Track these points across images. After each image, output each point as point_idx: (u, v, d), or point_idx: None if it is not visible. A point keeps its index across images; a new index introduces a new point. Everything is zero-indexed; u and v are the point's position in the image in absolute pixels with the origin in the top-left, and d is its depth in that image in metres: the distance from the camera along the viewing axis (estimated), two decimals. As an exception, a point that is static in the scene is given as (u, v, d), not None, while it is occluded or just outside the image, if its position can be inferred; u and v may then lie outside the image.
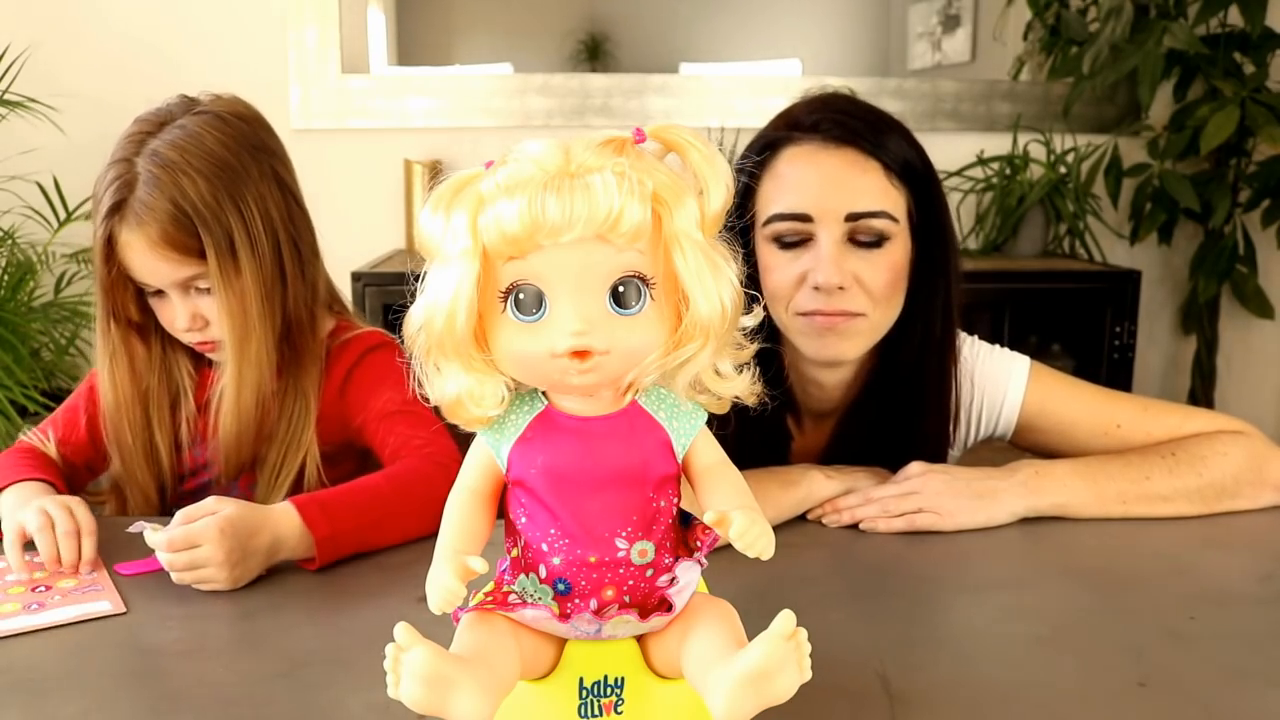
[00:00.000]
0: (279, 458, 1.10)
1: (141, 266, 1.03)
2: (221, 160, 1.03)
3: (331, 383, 1.13)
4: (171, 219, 1.00)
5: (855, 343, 1.03)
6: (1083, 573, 0.92)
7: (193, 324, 1.06)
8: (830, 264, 0.99)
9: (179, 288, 1.05)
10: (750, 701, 0.49)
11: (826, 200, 0.99)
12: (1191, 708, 0.69)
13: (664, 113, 2.51)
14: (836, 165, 1.00)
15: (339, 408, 1.14)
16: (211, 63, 2.39)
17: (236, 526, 0.87)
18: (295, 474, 1.10)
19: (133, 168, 1.02)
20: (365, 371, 1.14)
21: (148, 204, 1.00)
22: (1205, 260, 2.43)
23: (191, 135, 1.03)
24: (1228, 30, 2.34)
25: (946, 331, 1.08)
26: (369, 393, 1.12)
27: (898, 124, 1.04)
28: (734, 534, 0.54)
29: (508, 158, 0.54)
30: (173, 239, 1.01)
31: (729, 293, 0.55)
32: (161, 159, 1.01)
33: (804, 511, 1.04)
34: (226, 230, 1.03)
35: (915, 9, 3.02)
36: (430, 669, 0.49)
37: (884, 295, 1.02)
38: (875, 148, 1.00)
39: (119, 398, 1.10)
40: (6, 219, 2.24)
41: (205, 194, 1.01)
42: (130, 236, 1.01)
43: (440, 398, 0.56)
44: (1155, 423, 1.08)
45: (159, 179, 1.00)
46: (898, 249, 1.02)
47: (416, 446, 1.04)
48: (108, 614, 0.84)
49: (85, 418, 1.15)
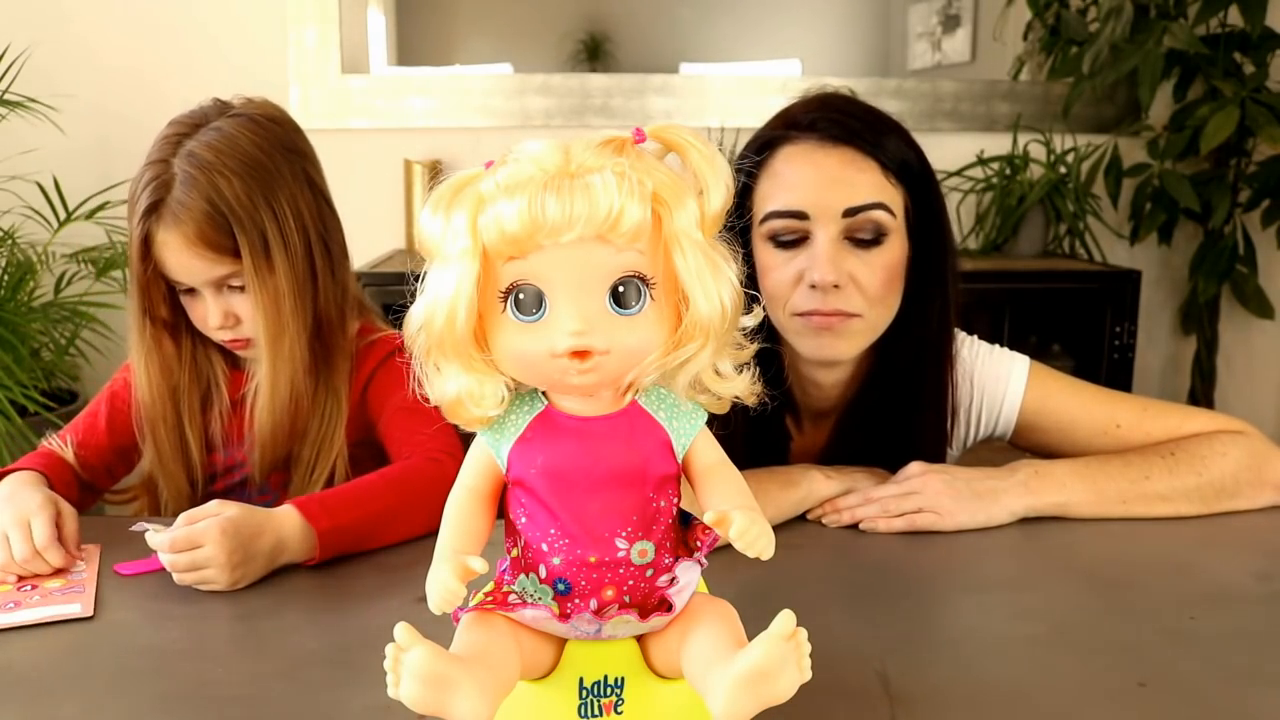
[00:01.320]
0: (313, 455, 1.11)
1: (177, 265, 1.05)
2: (256, 161, 1.05)
3: (357, 382, 1.15)
4: (207, 218, 1.02)
5: (851, 343, 1.03)
6: (1083, 573, 0.92)
7: (225, 321, 1.07)
8: (826, 261, 0.99)
9: (212, 286, 1.06)
10: (750, 701, 0.49)
11: (823, 197, 0.99)
12: (1191, 708, 0.69)
13: (664, 113, 2.51)
14: (833, 164, 1.00)
15: (360, 408, 1.15)
16: (212, 63, 2.39)
17: (238, 527, 0.87)
18: (328, 472, 1.11)
19: (169, 168, 1.03)
20: (388, 373, 1.15)
21: (184, 203, 1.02)
22: (1205, 260, 2.43)
23: (226, 137, 1.05)
24: (1228, 30, 2.34)
25: (943, 332, 1.08)
26: (388, 393, 1.14)
27: (895, 124, 1.04)
28: (734, 534, 0.54)
29: (508, 158, 0.54)
30: (208, 238, 1.03)
31: (729, 293, 0.55)
32: (197, 160, 1.03)
33: (804, 511, 1.04)
34: (260, 229, 1.04)
35: (915, 9, 3.01)
36: (430, 669, 0.49)
37: (879, 295, 1.01)
38: (872, 147, 1.00)
39: (152, 393, 1.11)
40: (6, 219, 2.24)
41: (240, 194, 1.03)
42: (166, 235, 1.03)
43: (440, 398, 0.56)
44: (1155, 423, 1.08)
45: (195, 179, 1.02)
46: (894, 248, 1.01)
47: (419, 443, 1.05)
48: (75, 616, 0.83)
49: (106, 421, 1.15)
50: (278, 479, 1.14)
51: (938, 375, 1.09)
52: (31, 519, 0.93)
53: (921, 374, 1.08)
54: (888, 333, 1.06)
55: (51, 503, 0.96)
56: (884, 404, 1.09)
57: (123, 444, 1.15)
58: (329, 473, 1.11)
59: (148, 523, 0.90)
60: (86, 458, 1.13)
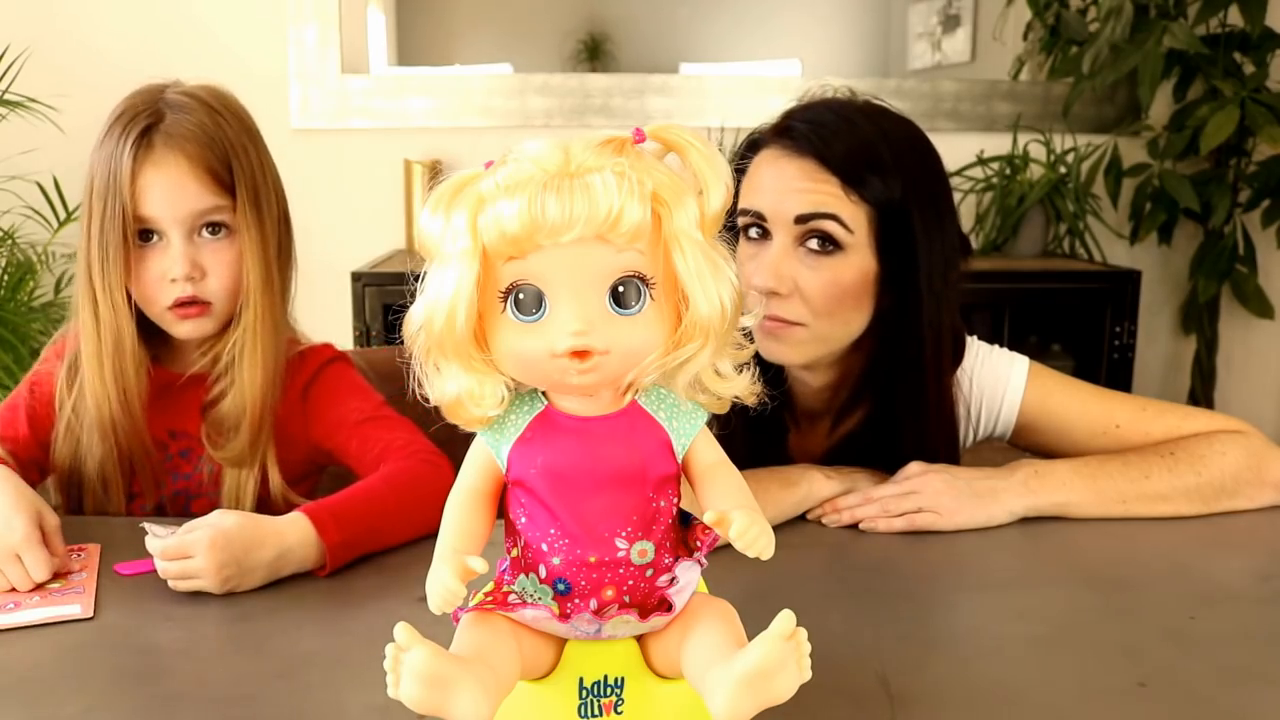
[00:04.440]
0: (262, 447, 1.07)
1: (164, 195, 1.00)
2: (241, 114, 1.06)
3: (290, 393, 1.10)
4: (206, 142, 1.01)
5: (796, 350, 1.03)
6: (1083, 573, 0.92)
7: (191, 272, 1.02)
8: (768, 266, 1.00)
9: (185, 228, 1.02)
10: (750, 701, 0.49)
11: (779, 203, 1.00)
12: (1191, 708, 0.69)
13: (664, 113, 2.51)
14: (793, 172, 1.00)
15: (300, 420, 1.11)
16: (212, 62, 2.37)
17: (231, 539, 0.86)
18: (259, 470, 1.07)
19: (156, 105, 1.02)
20: (324, 384, 1.12)
21: (182, 124, 1.01)
22: (1205, 260, 2.43)
23: (208, 90, 1.05)
24: (1228, 30, 2.34)
25: (932, 354, 1.04)
26: (329, 405, 1.11)
27: (887, 140, 1.01)
28: (734, 534, 0.54)
29: (508, 158, 0.54)
30: (206, 161, 1.01)
31: (729, 293, 0.55)
32: (189, 97, 1.03)
33: (804, 511, 1.04)
34: (252, 173, 1.04)
35: (915, 9, 3.01)
36: (430, 669, 0.49)
37: (824, 307, 1.00)
38: (838, 160, 0.99)
39: (103, 376, 1.03)
40: (6, 219, 2.24)
41: (235, 132, 1.03)
42: (161, 156, 1.00)
43: (440, 398, 0.56)
44: (1154, 422, 1.08)
45: (190, 107, 1.02)
46: (850, 263, 1.00)
47: (400, 447, 1.04)
48: (75, 617, 0.83)
49: (26, 414, 1.09)
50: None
51: (920, 395, 1.05)
52: (23, 554, 0.88)
53: (910, 394, 1.05)
54: (871, 343, 1.05)
55: (37, 523, 0.91)
56: (874, 415, 1.08)
57: (46, 436, 1.09)
58: (259, 475, 1.06)
59: (152, 524, 0.90)
60: (14, 452, 1.05)
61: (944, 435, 1.08)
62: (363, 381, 1.15)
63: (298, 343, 1.14)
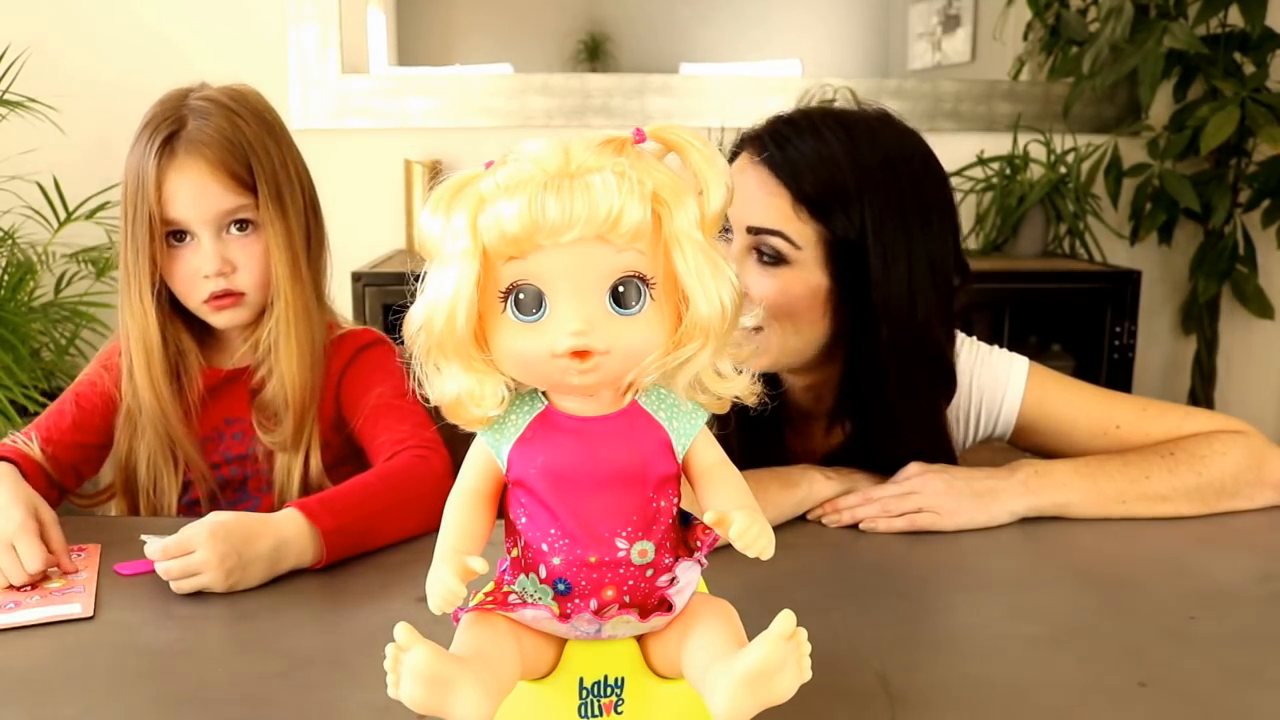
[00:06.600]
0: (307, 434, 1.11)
1: (190, 198, 1.05)
2: (263, 111, 1.10)
3: (329, 377, 1.14)
4: (227, 145, 1.05)
5: (756, 355, 1.02)
6: (1083, 573, 0.92)
7: (222, 268, 1.07)
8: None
9: (213, 227, 1.06)
10: (750, 701, 0.49)
11: (737, 210, 1.00)
12: (1191, 708, 0.69)
13: (664, 113, 2.51)
14: (750, 181, 1.01)
15: (334, 405, 1.14)
16: (212, 62, 2.38)
17: (230, 531, 0.87)
18: (303, 458, 1.10)
19: (180, 111, 1.06)
20: (360, 368, 1.15)
21: (203, 130, 1.05)
22: (1205, 260, 2.43)
23: (230, 92, 1.09)
24: (1228, 30, 2.34)
25: (896, 384, 1.01)
26: (360, 388, 1.13)
27: (856, 163, 0.98)
28: (734, 534, 0.54)
29: (508, 158, 0.54)
30: (228, 165, 1.05)
31: (729, 293, 0.55)
32: (210, 102, 1.06)
33: (804, 511, 1.04)
34: (274, 170, 1.07)
35: (915, 9, 3.02)
36: (430, 669, 0.49)
37: (774, 314, 1.00)
38: (789, 177, 0.99)
39: (151, 371, 1.08)
40: (6, 219, 2.24)
41: (255, 133, 1.07)
42: (184, 164, 1.04)
43: (440, 398, 0.56)
44: (1154, 423, 1.08)
45: (210, 113, 1.06)
46: (798, 277, 1.00)
47: (402, 439, 1.05)
48: (75, 617, 0.83)
49: (72, 420, 1.11)
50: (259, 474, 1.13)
51: (888, 410, 1.03)
52: (17, 543, 0.89)
53: (880, 408, 1.03)
54: (841, 350, 1.04)
55: (33, 515, 0.93)
56: (856, 424, 1.07)
57: (89, 442, 1.12)
58: (304, 458, 1.10)
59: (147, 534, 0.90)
60: (54, 454, 1.08)
61: (931, 447, 1.07)
62: (396, 366, 1.16)
63: (338, 326, 1.18)
